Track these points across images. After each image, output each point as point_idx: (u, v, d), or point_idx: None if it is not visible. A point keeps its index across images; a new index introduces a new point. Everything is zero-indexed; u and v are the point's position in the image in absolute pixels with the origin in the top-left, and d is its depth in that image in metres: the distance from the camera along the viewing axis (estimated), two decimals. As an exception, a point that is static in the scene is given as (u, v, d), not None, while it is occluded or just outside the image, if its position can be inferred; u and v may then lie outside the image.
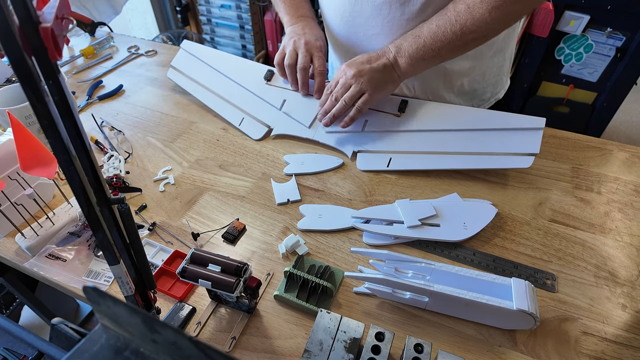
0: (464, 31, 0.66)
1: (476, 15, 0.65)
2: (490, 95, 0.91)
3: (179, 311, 0.54)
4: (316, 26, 0.87)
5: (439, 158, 0.74)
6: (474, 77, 0.85)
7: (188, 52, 0.99)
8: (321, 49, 0.82)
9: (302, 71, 0.82)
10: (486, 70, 0.85)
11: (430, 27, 0.69)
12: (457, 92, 0.86)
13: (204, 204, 0.71)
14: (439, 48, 0.69)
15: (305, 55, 0.81)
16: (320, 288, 0.55)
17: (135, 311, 0.24)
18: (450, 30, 0.67)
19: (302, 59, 0.81)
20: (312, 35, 0.83)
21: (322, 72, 0.82)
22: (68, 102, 0.30)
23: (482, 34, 0.68)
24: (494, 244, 0.63)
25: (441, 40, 0.68)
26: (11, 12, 0.25)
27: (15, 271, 0.78)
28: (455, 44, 0.68)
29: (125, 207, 0.39)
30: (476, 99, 0.89)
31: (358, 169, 0.77)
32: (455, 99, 0.87)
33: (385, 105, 0.80)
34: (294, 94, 0.87)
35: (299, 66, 0.82)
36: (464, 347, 0.51)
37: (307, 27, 0.85)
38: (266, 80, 0.90)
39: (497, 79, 0.89)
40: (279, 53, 0.86)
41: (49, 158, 0.59)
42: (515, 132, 0.72)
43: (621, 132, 2.29)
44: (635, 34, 1.64)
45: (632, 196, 0.71)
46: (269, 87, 0.89)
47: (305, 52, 0.81)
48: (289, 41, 0.84)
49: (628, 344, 0.51)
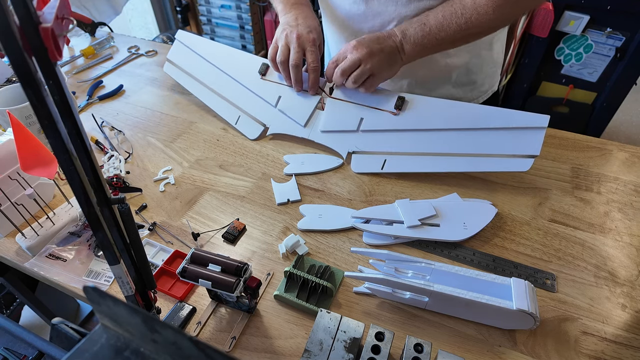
0: (468, 25, 0.69)
1: (481, 11, 0.68)
2: (487, 87, 0.92)
3: (179, 311, 0.54)
4: (311, 14, 0.83)
5: (436, 160, 0.73)
6: (471, 69, 0.86)
7: (183, 43, 0.98)
8: (314, 42, 0.78)
9: (295, 68, 0.79)
10: (483, 63, 0.87)
11: (437, 17, 0.70)
12: (455, 84, 0.87)
13: (204, 204, 0.71)
14: (443, 38, 0.71)
15: (297, 50, 0.77)
16: (320, 288, 0.55)
17: (136, 311, 0.24)
18: (455, 23, 0.69)
19: (294, 54, 0.78)
20: (305, 27, 0.79)
21: (315, 68, 0.79)
22: (68, 102, 0.30)
23: (483, 30, 0.71)
24: (493, 244, 0.63)
25: (446, 31, 0.70)
26: (11, 12, 0.25)
27: (16, 271, 0.79)
28: (457, 36, 0.71)
29: (125, 207, 0.39)
30: (475, 90, 0.90)
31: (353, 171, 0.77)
32: (453, 90, 0.87)
33: (382, 102, 0.78)
34: (289, 90, 0.85)
35: (291, 63, 0.79)
36: (464, 347, 0.51)
37: (300, 16, 0.81)
38: (261, 74, 0.88)
39: (493, 70, 0.91)
40: (272, 47, 0.82)
41: (49, 158, 0.59)
42: (516, 132, 0.70)
43: (621, 132, 2.29)
44: (635, 34, 1.64)
45: (632, 196, 0.71)
46: (264, 82, 0.87)
47: (297, 47, 0.77)
48: (281, 34, 0.80)
49: (628, 343, 0.51)
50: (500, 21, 0.70)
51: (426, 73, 0.85)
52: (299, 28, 0.79)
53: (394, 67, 0.74)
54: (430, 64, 0.82)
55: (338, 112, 0.80)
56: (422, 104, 0.76)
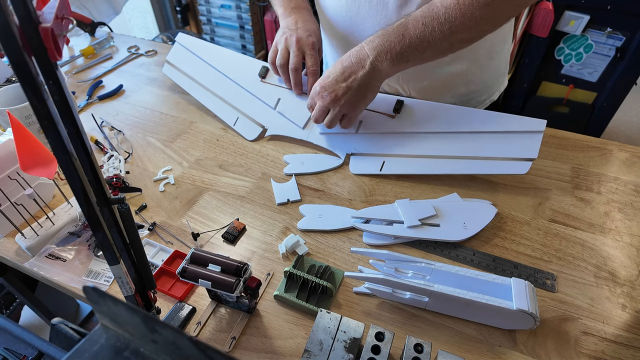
0: (453, 30, 0.62)
1: (466, 12, 0.61)
2: (486, 97, 0.90)
3: (179, 311, 0.54)
4: (310, 18, 0.83)
5: (434, 162, 0.73)
6: (471, 79, 0.84)
7: (183, 46, 0.98)
8: (313, 46, 0.78)
9: (294, 72, 0.80)
10: (483, 74, 0.85)
11: (417, 26, 0.63)
12: (453, 95, 0.86)
13: (204, 204, 0.71)
14: (425, 49, 0.64)
15: (296, 54, 0.78)
16: (320, 288, 0.55)
17: (135, 311, 0.24)
18: (438, 29, 0.62)
19: (294, 58, 0.78)
20: (305, 31, 0.79)
21: (314, 71, 0.79)
22: (68, 102, 0.30)
23: (470, 36, 0.65)
24: (494, 244, 0.63)
25: (428, 40, 0.63)
26: (11, 12, 0.25)
27: (15, 271, 0.79)
28: (442, 45, 0.64)
29: (125, 207, 0.39)
30: (473, 100, 0.89)
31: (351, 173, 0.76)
32: (451, 100, 0.86)
33: (381, 105, 0.78)
34: (288, 92, 0.86)
35: (290, 67, 0.79)
36: (464, 347, 0.51)
37: (300, 20, 0.81)
38: (261, 77, 0.88)
39: (493, 81, 0.89)
40: (271, 51, 0.83)
41: (49, 158, 0.59)
42: (514, 136, 0.70)
43: (621, 132, 2.29)
44: (635, 34, 1.64)
45: (632, 196, 0.71)
46: (263, 85, 0.88)
47: (296, 51, 0.78)
48: (280, 37, 0.81)
49: (628, 344, 0.51)
50: (488, 24, 0.63)
51: (422, 85, 0.83)
52: (299, 32, 0.79)
53: (369, 94, 0.71)
54: (427, 73, 0.80)
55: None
56: (421, 108, 0.76)
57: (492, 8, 0.61)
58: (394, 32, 0.65)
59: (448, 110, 0.74)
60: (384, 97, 0.78)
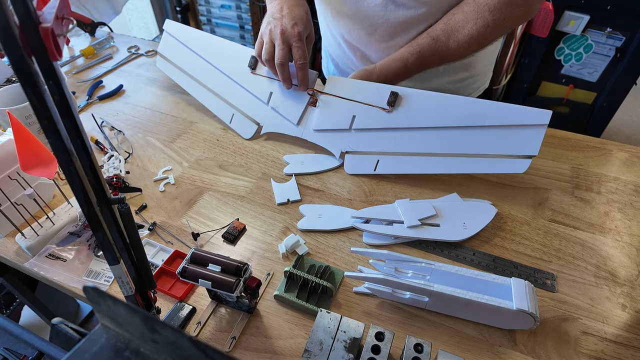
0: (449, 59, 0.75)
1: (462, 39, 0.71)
2: (479, 84, 0.92)
3: (179, 311, 0.54)
4: (297, 2, 0.77)
5: (429, 161, 0.71)
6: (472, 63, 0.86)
7: (172, 35, 0.96)
8: (299, 36, 0.73)
9: (281, 67, 0.75)
10: (478, 62, 0.87)
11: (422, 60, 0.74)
12: (449, 82, 0.87)
13: (204, 204, 0.71)
14: (423, 69, 0.76)
15: (282, 47, 0.73)
16: (320, 288, 0.55)
17: (135, 311, 0.24)
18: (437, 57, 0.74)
19: (279, 52, 0.73)
20: (290, 20, 0.73)
21: (302, 65, 0.75)
22: (68, 102, 0.30)
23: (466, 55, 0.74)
24: (493, 244, 0.63)
25: (427, 64, 0.75)
26: (11, 12, 0.25)
27: (16, 271, 0.79)
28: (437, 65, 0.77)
29: (125, 207, 0.39)
30: (469, 87, 0.90)
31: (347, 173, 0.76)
32: (447, 86, 0.87)
33: (374, 97, 0.74)
34: (279, 85, 0.82)
35: (276, 62, 0.74)
36: (464, 347, 0.51)
37: (285, 5, 0.75)
38: (251, 68, 0.85)
39: (486, 68, 0.91)
40: (257, 43, 0.79)
41: (49, 158, 0.59)
42: (515, 130, 0.66)
43: (621, 132, 2.29)
44: (635, 34, 1.64)
45: (632, 196, 0.71)
46: (254, 77, 0.85)
47: (281, 44, 0.73)
48: (265, 28, 0.76)
49: (628, 343, 0.51)
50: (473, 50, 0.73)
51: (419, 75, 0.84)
52: (283, 21, 0.74)
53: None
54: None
55: (330, 109, 0.79)
56: (416, 99, 0.72)
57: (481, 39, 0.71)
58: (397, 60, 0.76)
59: (445, 101, 0.70)
60: (377, 87, 0.74)
